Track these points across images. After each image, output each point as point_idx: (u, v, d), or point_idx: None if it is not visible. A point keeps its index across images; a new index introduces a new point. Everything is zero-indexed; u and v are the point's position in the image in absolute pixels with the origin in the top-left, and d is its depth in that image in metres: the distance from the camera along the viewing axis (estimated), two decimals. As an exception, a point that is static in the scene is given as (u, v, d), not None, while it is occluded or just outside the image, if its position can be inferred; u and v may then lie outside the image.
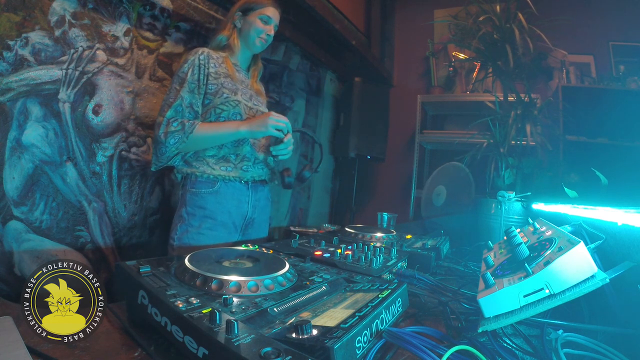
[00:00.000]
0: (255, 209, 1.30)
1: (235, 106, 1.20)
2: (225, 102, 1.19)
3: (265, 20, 1.28)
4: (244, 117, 1.22)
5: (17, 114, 1.10)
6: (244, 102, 1.24)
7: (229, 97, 1.20)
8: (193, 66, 1.17)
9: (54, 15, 1.16)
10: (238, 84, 1.25)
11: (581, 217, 0.81)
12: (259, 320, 0.47)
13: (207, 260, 0.64)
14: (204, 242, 1.16)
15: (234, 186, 1.22)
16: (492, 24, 1.61)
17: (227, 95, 1.20)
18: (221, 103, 1.19)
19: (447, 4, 2.68)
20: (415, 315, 0.68)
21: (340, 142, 2.73)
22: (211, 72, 1.20)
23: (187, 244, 1.15)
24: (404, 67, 3.16)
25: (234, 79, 1.24)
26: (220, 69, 1.23)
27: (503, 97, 1.72)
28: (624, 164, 1.56)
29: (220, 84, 1.20)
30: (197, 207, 1.18)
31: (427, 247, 1.12)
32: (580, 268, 0.47)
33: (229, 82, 1.22)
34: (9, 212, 1.09)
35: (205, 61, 1.19)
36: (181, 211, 1.19)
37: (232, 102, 1.20)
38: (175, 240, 1.17)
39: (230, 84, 1.22)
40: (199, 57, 1.19)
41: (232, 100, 1.20)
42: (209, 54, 1.22)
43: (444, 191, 2.21)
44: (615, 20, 2.33)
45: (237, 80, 1.26)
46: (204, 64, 1.19)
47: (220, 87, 1.20)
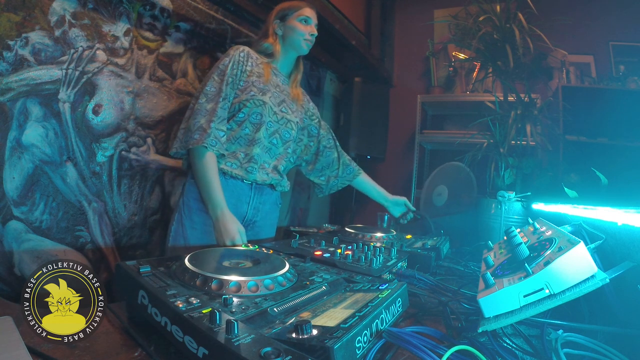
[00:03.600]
0: (257, 212, 1.27)
1: (259, 106, 1.20)
2: (250, 99, 1.19)
3: (306, 21, 1.30)
4: (265, 119, 1.21)
5: (17, 114, 1.10)
6: (270, 105, 1.23)
7: (255, 96, 1.19)
8: (233, 61, 1.19)
9: (54, 15, 1.16)
10: (270, 87, 1.25)
11: (581, 217, 0.81)
12: (259, 320, 0.47)
13: (207, 260, 0.64)
14: (197, 236, 1.16)
15: (235, 184, 1.20)
16: (492, 24, 1.60)
17: (254, 94, 1.20)
18: (245, 99, 1.19)
19: (447, 4, 2.68)
20: (415, 315, 0.68)
21: (340, 142, 2.69)
22: (247, 70, 1.22)
23: (182, 239, 1.16)
24: (404, 67, 3.16)
25: (266, 80, 1.24)
26: (256, 69, 1.24)
27: (503, 97, 1.72)
28: (624, 164, 1.56)
29: (251, 82, 1.21)
30: (193, 198, 1.17)
31: (427, 247, 1.12)
32: (580, 268, 0.47)
33: (260, 82, 1.23)
34: (9, 212, 1.09)
35: (244, 59, 1.22)
36: (179, 200, 1.21)
37: (257, 101, 1.20)
38: (172, 231, 1.18)
39: (261, 85, 1.23)
40: (240, 54, 1.21)
41: (257, 99, 1.20)
42: (249, 53, 1.25)
43: (445, 191, 2.21)
44: (615, 20, 2.33)
45: (271, 83, 1.26)
46: (242, 61, 1.21)
47: (250, 85, 1.20)
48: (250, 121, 1.20)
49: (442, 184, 2.24)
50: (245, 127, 1.20)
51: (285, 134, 1.30)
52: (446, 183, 2.22)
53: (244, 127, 1.20)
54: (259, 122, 1.21)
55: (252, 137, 1.21)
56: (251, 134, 1.21)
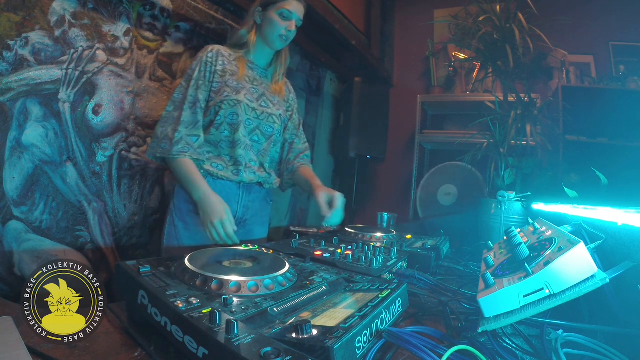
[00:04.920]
0: (247, 210, 1.27)
1: (234, 106, 1.17)
2: (225, 100, 1.16)
3: (286, 16, 1.21)
4: (241, 118, 1.18)
5: (17, 114, 1.10)
6: (246, 102, 1.20)
7: (228, 96, 1.17)
8: (200, 63, 1.17)
9: (54, 15, 1.16)
10: (245, 83, 1.21)
11: (581, 217, 0.81)
12: (259, 320, 0.47)
13: (207, 260, 0.64)
14: (192, 238, 1.16)
15: (223, 184, 1.19)
16: (492, 24, 1.60)
17: (227, 94, 1.17)
18: (220, 101, 1.16)
19: (447, 4, 2.68)
20: (415, 315, 0.68)
21: (340, 142, 2.73)
22: (218, 70, 1.19)
23: (175, 239, 1.16)
24: (404, 67, 3.16)
25: (240, 76, 1.20)
26: (229, 67, 1.21)
27: (503, 97, 1.72)
28: (624, 164, 1.56)
29: (224, 83, 1.18)
30: (184, 201, 1.17)
31: (427, 247, 1.12)
32: (580, 268, 0.47)
33: (233, 81, 1.19)
34: (9, 212, 1.09)
35: (213, 59, 1.19)
36: (170, 204, 1.21)
37: (231, 102, 1.17)
38: (165, 234, 1.18)
39: (235, 83, 1.19)
40: (207, 55, 1.19)
41: (231, 100, 1.17)
42: (219, 52, 1.21)
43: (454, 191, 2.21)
44: (615, 20, 2.33)
45: (245, 79, 1.22)
46: (211, 61, 1.18)
47: (223, 85, 1.18)
48: (227, 122, 1.18)
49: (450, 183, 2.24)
50: (223, 130, 1.18)
51: (267, 128, 1.26)
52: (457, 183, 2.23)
53: (222, 129, 1.18)
54: (237, 122, 1.18)
55: (232, 138, 1.19)
56: (230, 135, 1.19)
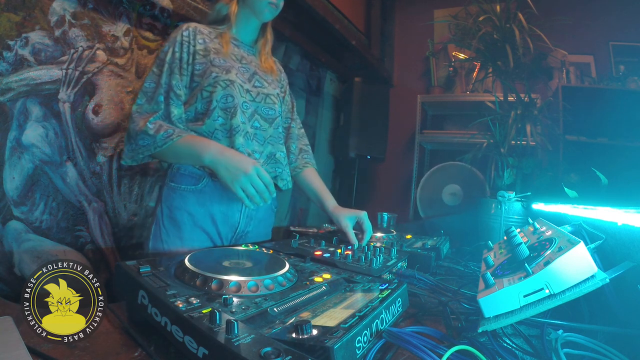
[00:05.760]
0: (250, 220, 1.08)
1: (226, 87, 0.99)
2: (215, 83, 0.99)
3: None
4: (237, 100, 1.01)
5: (17, 114, 1.10)
6: (239, 82, 1.03)
7: (218, 77, 0.99)
8: (174, 44, 1.00)
9: (54, 15, 1.16)
10: (233, 61, 1.05)
11: (581, 217, 0.81)
12: (259, 320, 0.47)
13: (207, 260, 0.64)
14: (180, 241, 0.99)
15: (224, 187, 0.97)
16: (492, 24, 1.60)
17: (217, 75, 0.99)
18: (209, 84, 0.99)
19: (447, 4, 2.68)
20: (415, 315, 0.68)
21: (340, 142, 2.73)
22: (198, 50, 1.02)
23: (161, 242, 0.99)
24: (404, 67, 3.16)
25: (226, 55, 1.04)
26: (211, 45, 1.04)
27: (503, 97, 1.72)
28: (624, 164, 1.56)
29: (209, 62, 1.01)
30: (174, 207, 0.99)
31: (427, 247, 1.12)
32: (580, 268, 0.47)
33: (220, 59, 1.02)
34: (9, 212, 1.09)
35: (190, 37, 1.01)
36: (156, 210, 1.02)
37: (223, 82, 0.99)
38: (151, 237, 1.01)
39: (222, 61, 1.02)
40: (182, 34, 1.01)
41: (223, 80, 0.99)
42: (196, 29, 1.04)
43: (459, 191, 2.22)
44: (615, 20, 2.33)
45: (232, 57, 1.06)
46: (188, 40, 1.01)
47: (209, 65, 1.00)
48: (221, 107, 0.99)
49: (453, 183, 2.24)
50: (217, 117, 0.99)
51: (267, 111, 1.10)
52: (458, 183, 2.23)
53: (215, 117, 0.99)
54: (232, 105, 1.00)
55: (229, 125, 1.00)
56: (226, 122, 1.00)
